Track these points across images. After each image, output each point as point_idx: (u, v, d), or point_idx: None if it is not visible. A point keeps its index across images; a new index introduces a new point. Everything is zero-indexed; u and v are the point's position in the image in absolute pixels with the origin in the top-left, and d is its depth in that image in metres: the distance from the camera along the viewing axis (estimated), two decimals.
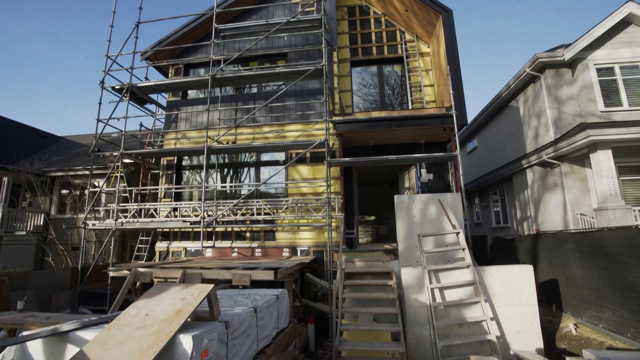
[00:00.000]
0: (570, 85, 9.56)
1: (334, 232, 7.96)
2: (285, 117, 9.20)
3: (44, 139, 16.67)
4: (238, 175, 9.60)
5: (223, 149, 8.43)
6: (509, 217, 12.00)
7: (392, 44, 10.24)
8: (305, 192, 8.73)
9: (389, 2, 9.81)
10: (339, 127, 8.51)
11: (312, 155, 8.92)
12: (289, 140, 8.41)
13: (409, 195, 6.73)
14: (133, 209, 8.74)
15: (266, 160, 9.37)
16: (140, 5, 9.35)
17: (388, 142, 9.42)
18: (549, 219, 9.57)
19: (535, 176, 10.20)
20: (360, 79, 10.45)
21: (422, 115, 8.15)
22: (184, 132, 9.66)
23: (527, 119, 10.99)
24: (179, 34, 9.81)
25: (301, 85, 9.31)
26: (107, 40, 9.17)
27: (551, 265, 6.73)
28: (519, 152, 11.46)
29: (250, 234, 8.73)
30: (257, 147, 8.30)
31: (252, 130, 9.28)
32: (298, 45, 9.46)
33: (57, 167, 12.11)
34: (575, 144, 8.03)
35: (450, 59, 8.13)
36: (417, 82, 9.77)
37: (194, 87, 9.36)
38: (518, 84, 10.89)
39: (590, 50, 9.37)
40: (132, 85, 8.90)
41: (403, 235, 6.48)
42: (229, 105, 9.60)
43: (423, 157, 7.74)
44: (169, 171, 9.60)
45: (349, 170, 9.27)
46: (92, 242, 10.47)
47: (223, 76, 8.57)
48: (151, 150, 8.61)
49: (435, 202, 6.44)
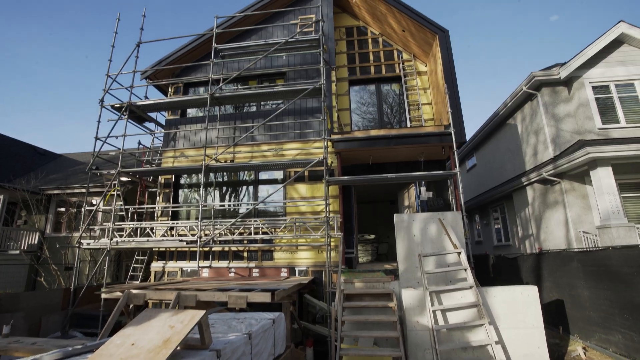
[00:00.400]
0: (567, 103, 9.62)
1: (333, 252, 7.80)
2: (284, 136, 9.20)
3: (43, 157, 16.66)
4: (236, 194, 9.51)
5: (221, 168, 8.38)
6: (511, 235, 11.84)
7: (390, 63, 10.38)
8: (303, 211, 8.62)
9: (386, 23, 10.01)
10: (337, 145, 8.49)
11: (311, 174, 8.87)
12: (287, 159, 8.37)
13: (408, 214, 6.63)
14: (129, 227, 8.61)
15: (264, 179, 9.31)
16: (141, 26, 9.53)
17: (387, 160, 9.40)
18: (551, 237, 9.42)
19: (535, 193, 10.12)
20: (358, 97, 10.53)
21: (420, 134, 8.14)
22: (182, 151, 9.63)
23: (525, 136, 11.02)
24: (178, 53, 9.95)
25: (300, 104, 9.36)
26: (108, 59, 9.29)
27: (556, 285, 6.56)
28: (519, 169, 11.42)
29: (247, 253, 8.56)
30: (255, 166, 8.26)
31: (250, 149, 9.26)
32: (297, 65, 9.58)
33: (54, 185, 12.03)
34: (574, 161, 7.99)
35: (448, 77, 8.21)
36: (415, 101, 9.83)
37: (193, 106, 9.41)
38: (515, 102, 10.97)
39: (585, 68, 9.48)
40: (131, 103, 8.94)
41: (403, 255, 6.33)
42: (227, 123, 9.62)
43: (422, 176, 7.68)
44: (166, 189, 9.52)
45: (347, 189, 9.20)
46: (86, 261, 10.27)
47: (222, 95, 8.62)
48: (148, 168, 8.56)
49: (436, 221, 6.34)
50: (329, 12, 9.90)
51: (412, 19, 9.00)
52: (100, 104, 9.05)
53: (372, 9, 9.98)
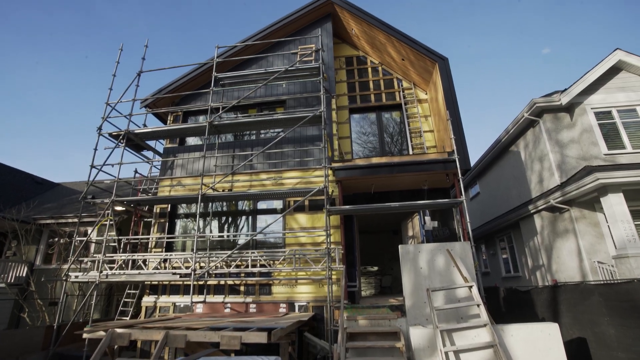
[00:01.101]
0: (570, 129, 9.51)
1: (335, 286, 7.35)
2: (283, 164, 9.01)
3: (40, 186, 16.45)
4: (234, 225, 9.17)
5: (218, 197, 8.11)
6: (520, 265, 11.34)
7: (390, 91, 10.39)
8: (303, 242, 8.25)
9: (386, 52, 10.12)
10: (338, 173, 8.27)
11: (311, 203, 8.58)
12: (287, 188, 8.11)
13: (414, 245, 6.27)
14: (120, 259, 8.21)
15: (263, 209, 9.01)
16: (143, 56, 9.63)
17: (389, 189, 9.14)
18: (563, 268, 8.96)
19: (544, 222, 9.76)
20: (359, 126, 10.45)
21: (423, 161, 7.94)
22: (179, 179, 9.41)
23: (529, 163, 10.83)
24: (179, 82, 9.99)
25: (300, 132, 9.25)
26: (109, 88, 9.28)
27: (576, 321, 6.07)
28: (524, 196, 11.14)
29: (244, 287, 8.09)
30: (253, 195, 7.99)
31: (249, 177, 9.03)
32: (296, 93, 9.56)
33: (47, 215, 11.71)
34: (584, 187, 7.73)
35: (449, 104, 8.13)
36: (417, 128, 9.73)
37: (191, 134, 9.29)
38: (517, 129, 10.88)
39: (585, 95, 9.45)
40: (129, 131, 8.83)
41: (410, 290, 5.91)
42: (226, 152, 9.46)
43: (427, 204, 7.39)
44: (161, 219, 9.19)
45: (349, 219, 8.87)
46: (75, 296, 9.74)
47: (221, 123, 8.53)
48: (143, 197, 8.30)
49: (443, 252, 5.97)
50: (328, 42, 10.05)
51: (411, 47, 9.08)
52: (98, 131, 8.94)
53: (372, 39, 10.13)
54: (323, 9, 10.24)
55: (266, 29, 10.04)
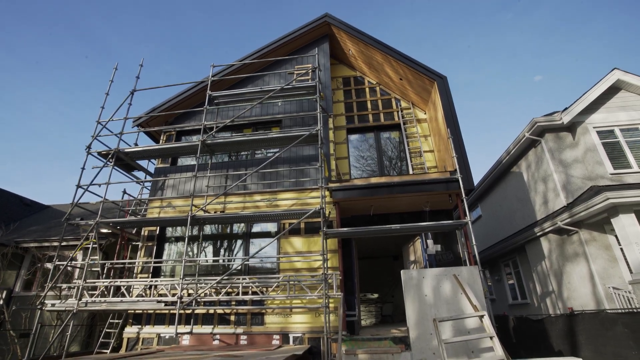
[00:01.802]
0: (573, 149, 9.27)
1: (332, 315, 6.80)
2: (278, 185, 8.64)
3: (28, 207, 15.92)
4: (225, 249, 8.68)
5: (209, 219, 7.68)
6: (528, 292, 10.76)
7: (388, 111, 10.23)
8: (299, 268, 7.74)
9: (383, 72, 10.03)
10: (335, 194, 7.90)
11: (307, 226, 8.15)
12: (281, 209, 7.69)
13: (417, 270, 5.81)
14: (102, 285, 7.64)
15: (257, 232, 8.55)
16: (137, 75, 9.46)
17: (389, 211, 8.76)
18: (575, 294, 8.43)
19: (551, 245, 9.32)
20: (357, 146, 10.20)
21: (424, 180, 7.61)
22: (170, 200, 9.00)
23: (532, 184, 10.52)
24: (173, 101, 9.80)
25: (295, 151, 8.96)
26: (101, 106, 9.03)
27: (598, 354, 5.52)
28: (529, 218, 10.74)
29: (235, 317, 7.50)
30: (245, 217, 7.57)
31: (242, 199, 8.64)
32: (293, 113, 9.35)
33: (31, 238, 11.16)
34: (593, 207, 7.37)
35: (449, 122, 7.91)
36: (417, 148, 9.48)
37: (184, 154, 8.98)
38: (518, 149, 10.65)
39: (587, 114, 9.29)
40: (119, 150, 8.51)
41: (414, 320, 5.40)
42: (219, 172, 9.11)
43: (429, 226, 6.98)
44: (149, 243, 8.69)
45: (347, 243, 8.42)
46: (52, 326, 9.04)
47: (214, 142, 8.24)
48: (130, 219, 7.85)
49: (450, 277, 5.51)
50: (325, 61, 9.97)
51: (408, 66, 8.99)
52: (87, 150, 8.60)
53: (369, 59, 10.08)
54: (320, 29, 10.25)
55: (262, 49, 9.98)
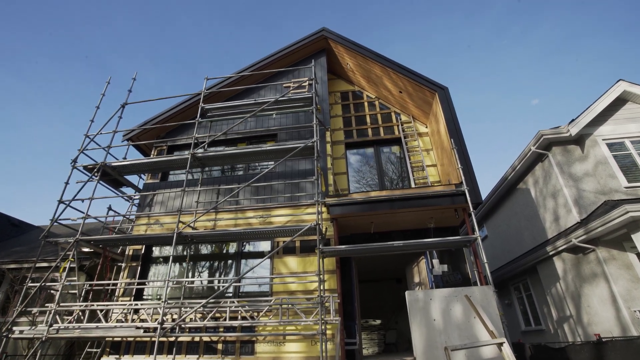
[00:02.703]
0: (582, 162, 8.83)
1: (330, 343, 6.12)
2: (273, 201, 8.14)
3: (16, 228, 15.33)
4: (215, 270, 8.07)
5: (197, 236, 7.13)
6: (542, 317, 9.99)
7: (388, 125, 9.89)
8: (293, 290, 7.10)
9: (382, 86, 9.78)
10: (333, 210, 7.39)
11: (303, 245, 7.59)
12: (275, 226, 7.13)
13: (424, 291, 5.22)
14: (78, 309, 6.99)
15: (249, 252, 7.97)
16: (130, 88, 9.19)
17: (391, 229, 8.21)
18: (597, 319, 7.72)
19: (566, 265, 8.68)
20: (356, 160, 9.79)
21: (428, 194, 7.11)
22: (157, 217, 8.48)
23: (541, 200, 10.00)
24: (165, 115, 9.49)
25: (291, 166, 8.54)
26: (90, 120, 8.68)
27: None
28: (539, 237, 10.14)
29: (222, 345, 6.78)
30: (236, 234, 7.01)
31: (234, 215, 8.12)
32: (289, 127, 9.00)
33: (11, 259, 10.54)
34: (611, 222, 6.82)
35: (453, 132, 7.52)
36: (419, 161, 9.05)
37: (174, 168, 8.54)
38: (524, 164, 10.22)
39: (594, 125, 8.94)
40: (105, 164, 8.08)
41: (422, 348, 4.75)
42: (211, 188, 8.64)
43: (435, 243, 6.40)
44: (133, 263, 8.08)
45: (347, 263, 7.82)
46: (23, 356, 8.27)
47: (205, 155, 7.82)
48: (112, 236, 7.29)
49: (461, 299, 4.91)
50: (322, 75, 9.74)
51: (408, 79, 8.72)
52: (72, 164, 8.18)
53: (367, 73, 9.85)
54: (317, 44, 10.10)
55: (258, 62, 9.79)
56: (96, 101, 9.49)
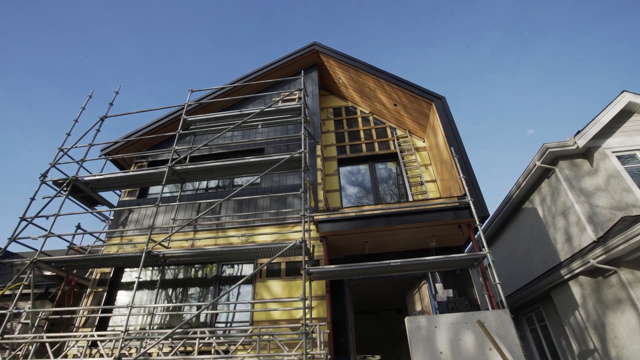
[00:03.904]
0: (592, 176, 8.20)
1: None
2: (257, 219, 7.42)
3: None
4: (191, 296, 7.17)
5: (169, 256, 6.32)
6: (560, 350, 8.90)
7: (383, 140, 9.36)
8: (277, 319, 6.20)
9: (376, 99, 9.36)
10: (322, 227, 6.65)
11: (289, 267, 6.79)
12: (255, 244, 6.32)
13: (427, 317, 4.39)
14: (27, 344, 6.03)
15: (230, 276, 7.13)
16: (111, 102, 8.71)
17: (388, 249, 7.42)
18: (626, 353, 6.72)
19: (584, 290, 7.78)
20: (349, 177, 9.16)
21: (428, 208, 6.41)
22: (131, 237, 7.68)
23: (550, 220, 9.26)
24: (147, 129, 8.97)
25: (278, 181, 7.91)
26: (66, 133, 8.13)
27: None
28: (551, 260, 9.29)
29: None
30: (213, 253, 6.21)
31: (214, 234, 7.35)
32: (276, 139, 8.44)
33: None
34: (634, 239, 6.06)
35: (452, 141, 6.96)
36: (417, 175, 8.42)
37: (151, 182, 7.84)
38: (530, 181, 9.57)
39: (602, 138, 8.39)
40: (77, 178, 7.41)
41: None
42: (191, 202, 7.93)
43: (438, 261, 5.61)
44: (99, 288, 7.19)
45: (339, 288, 6.96)
46: None
47: (184, 168, 7.19)
48: (74, 257, 6.45)
49: (472, 325, 4.07)
50: (314, 89, 9.36)
51: (403, 90, 8.30)
52: (41, 179, 7.50)
53: (360, 87, 9.47)
54: (309, 58, 9.81)
55: (246, 76, 9.42)
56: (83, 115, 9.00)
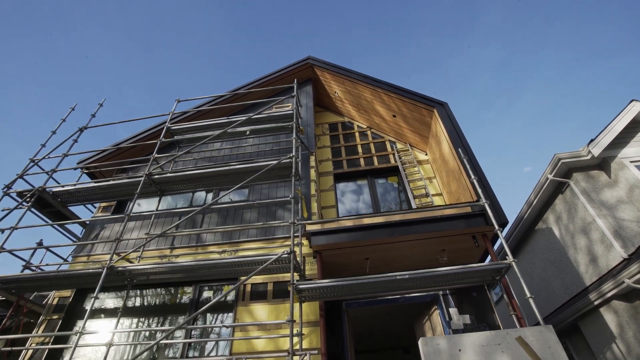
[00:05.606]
0: (612, 188, 7.48)
1: None
2: (242, 234, 6.56)
3: None
4: (162, 324, 6.10)
5: (136, 273, 5.39)
6: None
7: (383, 154, 8.75)
8: (261, 350, 5.14)
9: (374, 112, 8.89)
10: (315, 240, 5.80)
11: (276, 289, 5.81)
12: (235, 257, 5.36)
13: (447, 337, 3.46)
14: None
15: (207, 299, 6.12)
16: (94, 113, 8.19)
17: (392, 267, 6.49)
18: None
19: (620, 317, 6.73)
20: (346, 193, 8.42)
21: (436, 217, 5.59)
22: (99, 256, 6.76)
23: (569, 239, 8.39)
24: (130, 141, 8.36)
25: (267, 194, 7.17)
26: (41, 144, 7.49)
27: None
28: (574, 285, 8.27)
29: None
30: (186, 269, 5.29)
31: (193, 251, 6.46)
32: (267, 149, 7.82)
33: None
34: None
35: (457, 143, 6.33)
36: (420, 187, 7.69)
37: (126, 194, 7.04)
38: (542, 197, 8.83)
39: (617, 148, 7.80)
40: (44, 189, 6.65)
41: None
42: (169, 221, 7.11)
43: (453, 272, 4.68)
44: (55, 315, 6.12)
45: (336, 315, 5.96)
46: None
47: (163, 177, 6.48)
48: (24, 275, 5.49)
49: (509, 346, 3.12)
50: (308, 102, 8.93)
51: (402, 98, 7.84)
52: (4, 190, 6.74)
53: (357, 99, 9.04)
54: (303, 72, 9.49)
55: (238, 89, 9.02)
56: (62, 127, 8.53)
